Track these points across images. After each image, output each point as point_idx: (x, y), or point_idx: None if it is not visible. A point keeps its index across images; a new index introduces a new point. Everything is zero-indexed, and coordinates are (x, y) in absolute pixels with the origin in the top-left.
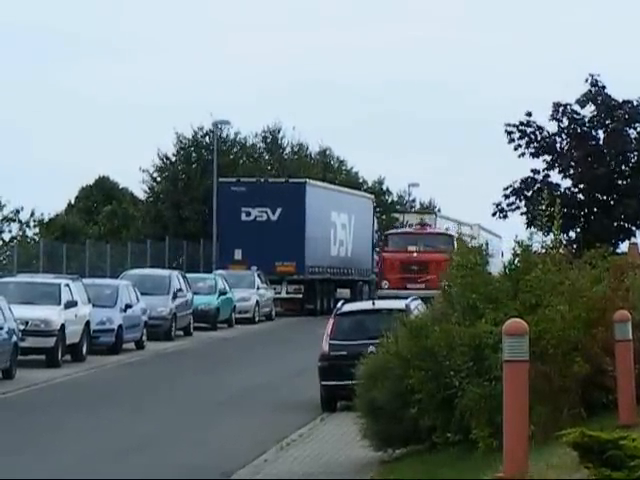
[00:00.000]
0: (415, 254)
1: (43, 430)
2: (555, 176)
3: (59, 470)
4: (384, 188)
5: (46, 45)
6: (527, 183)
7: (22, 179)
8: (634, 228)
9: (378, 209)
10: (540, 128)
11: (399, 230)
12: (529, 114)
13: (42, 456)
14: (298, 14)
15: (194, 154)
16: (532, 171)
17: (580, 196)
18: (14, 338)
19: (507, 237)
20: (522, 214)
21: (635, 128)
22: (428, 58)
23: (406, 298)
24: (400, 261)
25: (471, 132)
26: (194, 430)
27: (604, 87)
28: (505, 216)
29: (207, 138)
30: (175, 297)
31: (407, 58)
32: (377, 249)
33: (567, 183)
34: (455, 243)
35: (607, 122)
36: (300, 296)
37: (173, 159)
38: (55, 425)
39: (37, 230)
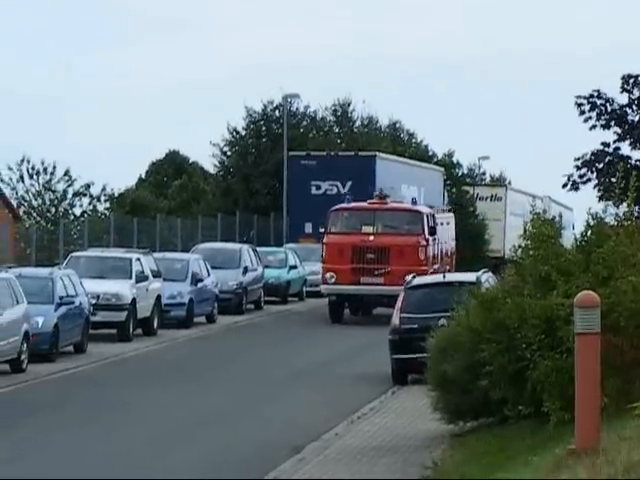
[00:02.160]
0: (371, 237)
1: (113, 404)
2: (625, 148)
3: (127, 445)
4: (454, 161)
5: (112, 22)
6: (598, 155)
7: (93, 154)
8: None
9: (448, 182)
10: (610, 100)
11: (349, 205)
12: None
13: (111, 430)
14: None
15: (264, 128)
16: (602, 144)
17: None
18: (86, 312)
19: (578, 209)
20: (594, 187)
21: None
22: (495, 29)
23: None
24: (351, 246)
25: (541, 103)
26: (264, 404)
27: None
28: (577, 188)
29: (277, 112)
30: (246, 271)
31: (476, 30)
32: (321, 230)
33: (638, 155)
34: (425, 222)
35: None
36: None
37: (243, 133)
38: (125, 399)
39: (107, 205)
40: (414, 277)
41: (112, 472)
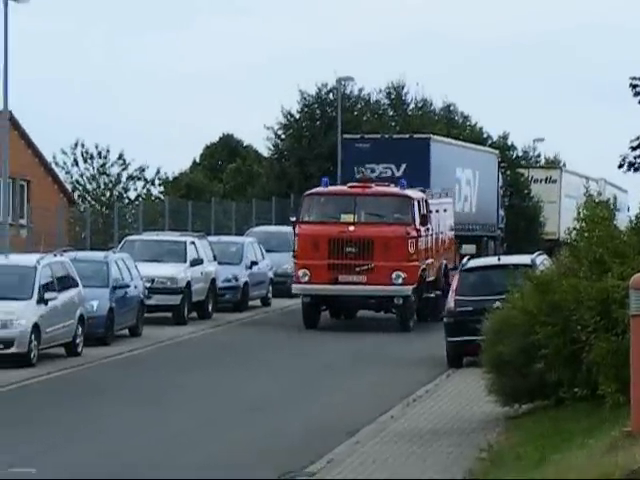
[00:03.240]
0: (352, 227)
1: (169, 387)
2: None
3: (183, 426)
4: (509, 143)
5: (165, 3)
6: None
7: (147, 138)
8: None
9: (503, 164)
10: None
11: (325, 189)
12: None
13: (167, 412)
14: None
15: (318, 111)
16: None
17: None
18: (140, 296)
19: (633, 192)
20: None
21: None
22: (548, 8)
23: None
24: (328, 238)
25: (597, 85)
26: (320, 387)
27: None
28: (637, 169)
29: (331, 95)
30: None
31: (528, 10)
32: (292, 218)
33: None
34: (416, 209)
35: None
36: None
37: (297, 116)
38: (180, 382)
39: (162, 188)
40: (469, 260)
41: (170, 452)
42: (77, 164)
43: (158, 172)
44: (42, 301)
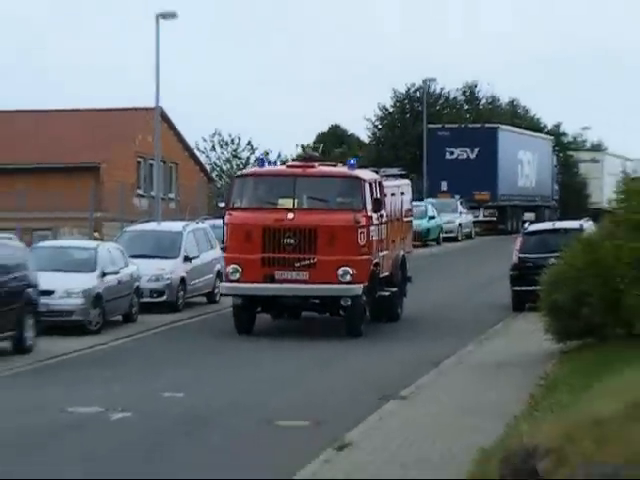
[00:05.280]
0: (290, 215)
1: (263, 349)
2: None
3: (289, 370)
4: (561, 131)
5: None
6: None
7: (271, 127)
8: None
9: (556, 148)
10: None
11: (260, 169)
12: None
13: (261, 368)
14: None
15: (407, 106)
16: None
17: None
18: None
19: None
20: None
21: None
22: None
23: None
24: (262, 228)
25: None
26: (408, 325)
27: None
28: None
29: (418, 93)
30: None
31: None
32: (221, 204)
33: None
34: (367, 192)
35: None
36: (494, 219)
37: (390, 110)
38: (274, 344)
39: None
40: (529, 225)
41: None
42: (214, 149)
43: (279, 155)
44: (187, 259)
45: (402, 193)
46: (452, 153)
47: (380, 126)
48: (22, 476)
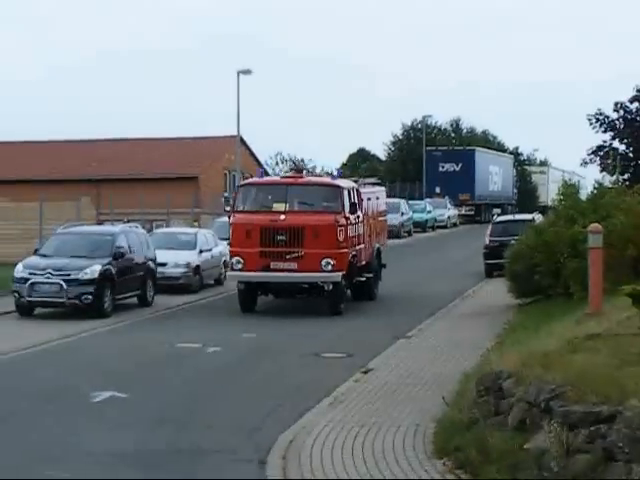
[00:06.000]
0: (282, 216)
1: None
2: (616, 143)
3: (314, 327)
4: (519, 151)
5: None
6: (600, 147)
7: (314, 147)
8: None
9: (515, 164)
10: (607, 116)
11: (259, 179)
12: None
13: (299, 325)
14: None
15: (412, 134)
16: (603, 140)
17: (631, 154)
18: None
19: (590, 178)
20: (598, 165)
21: None
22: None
23: None
24: (259, 227)
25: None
26: (415, 288)
27: None
28: (587, 164)
29: (419, 125)
30: (402, 214)
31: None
32: (227, 208)
33: (622, 147)
34: (345, 198)
35: None
36: (472, 213)
37: (400, 137)
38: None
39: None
40: (497, 216)
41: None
42: (277, 164)
43: (323, 169)
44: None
45: (377, 198)
46: (443, 167)
47: (393, 148)
48: (161, 382)
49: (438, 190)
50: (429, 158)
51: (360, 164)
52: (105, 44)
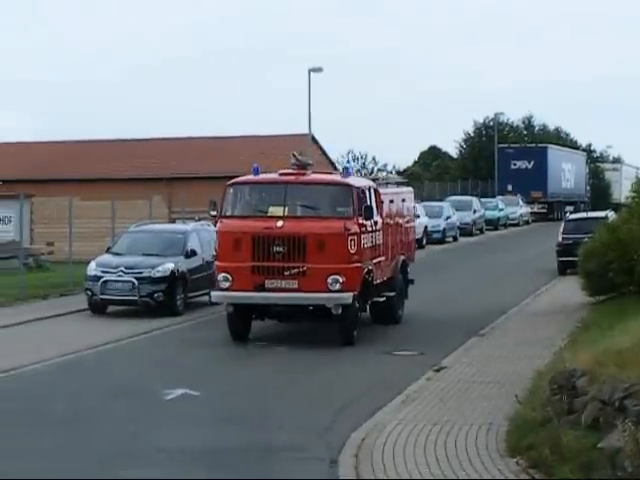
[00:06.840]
0: (280, 223)
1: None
2: None
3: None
4: (592, 148)
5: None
6: None
7: (386, 147)
8: None
9: (588, 161)
10: None
11: (252, 177)
12: None
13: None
14: None
15: (483, 131)
16: None
17: None
18: None
19: None
20: None
21: None
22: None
23: None
24: (251, 236)
25: None
26: (487, 288)
27: None
28: None
29: (491, 122)
30: (474, 212)
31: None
32: (212, 212)
33: None
34: (356, 199)
35: None
36: (545, 211)
37: (472, 134)
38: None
39: (395, 175)
40: (570, 214)
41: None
42: (349, 162)
43: (394, 166)
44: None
45: (403, 200)
46: (515, 164)
47: (465, 146)
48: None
49: (510, 188)
50: (501, 155)
51: (432, 162)
52: (175, 47)
